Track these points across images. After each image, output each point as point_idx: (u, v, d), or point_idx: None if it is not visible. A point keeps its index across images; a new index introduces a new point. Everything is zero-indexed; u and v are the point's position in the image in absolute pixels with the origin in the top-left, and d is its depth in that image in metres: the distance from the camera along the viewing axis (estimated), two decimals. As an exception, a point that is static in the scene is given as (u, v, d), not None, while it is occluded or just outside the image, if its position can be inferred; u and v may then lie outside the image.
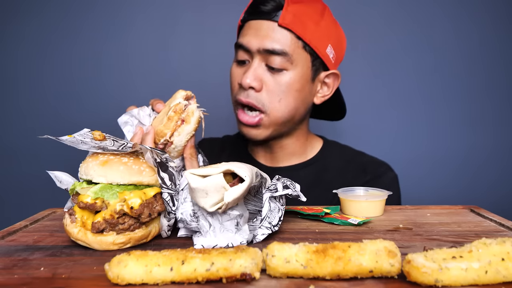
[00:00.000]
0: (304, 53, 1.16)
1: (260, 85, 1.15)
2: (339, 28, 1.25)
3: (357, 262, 0.58)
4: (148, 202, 0.74)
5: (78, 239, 0.74)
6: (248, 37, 1.17)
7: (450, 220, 0.92)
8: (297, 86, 1.17)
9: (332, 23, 1.22)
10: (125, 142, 0.81)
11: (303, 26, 1.14)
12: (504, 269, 0.56)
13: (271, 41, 1.13)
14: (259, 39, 1.14)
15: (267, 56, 1.14)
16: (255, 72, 1.15)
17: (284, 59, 1.14)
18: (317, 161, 1.31)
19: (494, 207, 1.19)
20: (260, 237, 0.77)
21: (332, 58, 1.21)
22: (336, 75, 1.24)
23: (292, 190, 0.81)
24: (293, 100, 1.17)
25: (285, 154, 1.30)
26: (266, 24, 1.15)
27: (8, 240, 0.80)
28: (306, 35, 1.14)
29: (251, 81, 1.14)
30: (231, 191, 0.70)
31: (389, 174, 1.28)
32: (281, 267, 0.59)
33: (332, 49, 1.19)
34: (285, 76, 1.15)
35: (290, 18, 1.13)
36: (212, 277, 0.58)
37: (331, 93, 1.25)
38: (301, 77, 1.17)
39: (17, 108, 1.84)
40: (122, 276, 0.57)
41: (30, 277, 0.62)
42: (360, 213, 0.95)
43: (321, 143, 1.36)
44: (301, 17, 1.14)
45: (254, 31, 1.16)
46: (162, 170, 0.77)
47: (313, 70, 1.19)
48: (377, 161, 1.33)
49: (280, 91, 1.15)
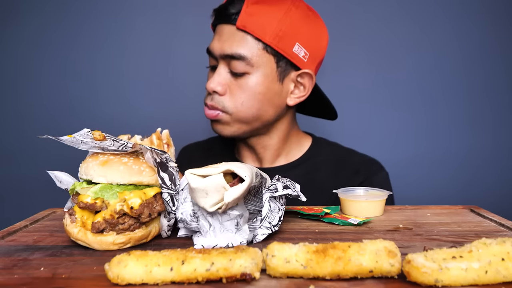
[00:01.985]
0: (265, 54, 1.14)
1: (224, 90, 1.16)
2: (315, 23, 1.20)
3: (357, 262, 0.58)
4: (148, 202, 0.75)
5: (78, 239, 0.74)
6: (213, 42, 1.18)
7: (450, 220, 0.92)
8: (261, 89, 1.15)
9: (302, 19, 1.16)
10: (125, 142, 0.81)
11: (262, 27, 1.12)
12: (504, 269, 0.56)
13: (231, 45, 1.13)
14: (220, 44, 1.15)
15: (229, 61, 1.15)
16: (219, 77, 1.16)
17: (244, 63, 1.13)
18: (306, 160, 1.29)
19: (494, 207, 1.19)
20: (260, 237, 0.77)
21: (303, 57, 1.17)
22: (309, 75, 1.20)
23: (292, 190, 0.81)
24: (257, 102, 1.16)
25: (269, 154, 1.28)
26: (226, 28, 1.15)
27: (8, 240, 0.80)
28: (266, 36, 1.12)
29: (214, 86, 1.16)
30: (231, 191, 0.70)
31: (381, 173, 1.28)
32: (281, 267, 0.59)
33: (301, 47, 1.15)
34: (247, 80, 1.15)
35: (248, 20, 1.12)
36: (212, 277, 0.58)
37: (307, 93, 1.22)
38: (264, 80, 1.15)
39: (16, 108, 1.84)
40: (122, 276, 0.57)
41: (30, 277, 0.62)
42: (360, 213, 0.95)
43: (309, 141, 1.33)
44: (259, 17, 1.12)
45: (218, 36, 1.17)
46: (162, 170, 0.77)
47: (279, 71, 1.16)
48: (368, 160, 1.31)
49: (242, 95, 1.15)
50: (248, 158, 1.32)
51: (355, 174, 1.26)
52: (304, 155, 1.30)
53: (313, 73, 1.20)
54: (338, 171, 1.27)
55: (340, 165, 1.29)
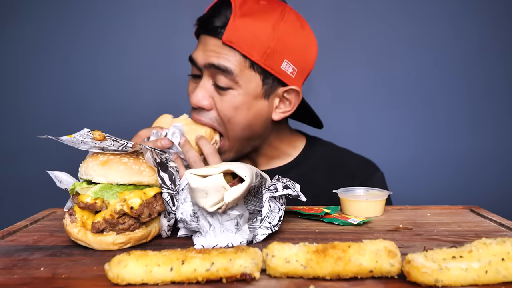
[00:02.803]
0: (251, 72, 1.09)
1: (210, 104, 1.12)
2: (304, 36, 1.15)
3: (357, 262, 0.58)
4: (148, 202, 0.74)
5: (78, 239, 0.74)
6: (197, 52, 1.13)
7: (450, 220, 0.92)
8: (245, 106, 1.11)
9: (291, 33, 1.11)
10: (125, 142, 0.81)
11: (249, 44, 1.06)
12: (504, 269, 0.56)
13: (217, 57, 1.08)
14: (205, 54, 1.10)
15: (214, 73, 1.10)
16: (203, 91, 1.12)
17: (229, 77, 1.08)
18: (301, 161, 1.27)
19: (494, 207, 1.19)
20: (260, 237, 0.77)
21: (291, 73, 1.12)
22: (296, 92, 1.16)
23: (292, 190, 0.81)
24: (242, 119, 1.12)
25: (264, 159, 1.27)
26: (212, 40, 1.10)
27: (8, 240, 0.80)
28: (254, 54, 1.07)
29: (199, 100, 1.11)
30: (231, 191, 0.70)
31: (377, 175, 1.27)
32: (281, 267, 0.59)
33: (289, 63, 1.11)
34: (231, 96, 1.10)
35: (235, 36, 1.06)
36: (212, 277, 0.58)
37: (292, 109, 1.18)
38: (248, 97, 1.11)
39: (16, 108, 1.84)
40: (122, 276, 0.57)
41: (30, 277, 0.62)
42: (360, 213, 0.95)
43: (303, 141, 1.31)
44: (247, 33, 1.06)
45: (202, 46, 1.12)
46: (162, 170, 0.77)
47: (265, 88, 1.12)
48: (363, 162, 1.30)
49: (227, 111, 1.11)
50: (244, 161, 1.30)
51: (351, 178, 1.24)
52: (298, 156, 1.28)
53: (300, 90, 1.17)
54: (333, 175, 1.25)
55: (335, 169, 1.27)
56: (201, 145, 1.08)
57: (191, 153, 1.06)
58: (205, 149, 1.08)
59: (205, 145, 1.08)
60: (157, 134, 1.09)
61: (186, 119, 1.14)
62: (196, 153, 1.06)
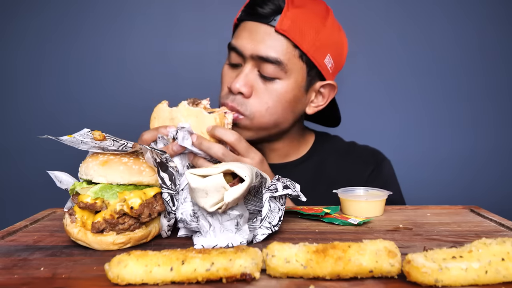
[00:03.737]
0: (299, 62, 1.11)
1: (250, 92, 1.10)
2: (342, 34, 1.19)
3: (357, 262, 0.58)
4: (148, 202, 0.74)
5: (78, 239, 0.74)
6: (242, 40, 1.11)
7: (450, 220, 0.92)
8: (289, 97, 1.12)
9: (335, 29, 1.15)
10: (125, 142, 0.81)
11: (302, 34, 1.08)
12: (504, 269, 0.56)
13: (266, 47, 1.08)
14: (253, 44, 1.09)
15: (260, 63, 1.09)
16: (246, 78, 1.10)
17: (278, 68, 1.08)
18: (313, 155, 1.30)
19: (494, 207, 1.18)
20: (260, 237, 0.77)
21: (330, 68, 1.15)
22: (332, 86, 1.19)
23: (292, 190, 0.81)
24: (282, 110, 1.13)
25: (276, 155, 1.28)
26: (262, 28, 1.09)
27: (8, 240, 0.80)
28: (304, 44, 1.08)
29: (241, 86, 1.09)
30: (231, 191, 0.70)
31: (387, 161, 1.31)
32: (281, 267, 0.59)
33: (331, 58, 1.14)
34: (277, 85, 1.10)
35: (289, 24, 1.07)
36: (212, 277, 0.58)
37: (325, 103, 1.21)
38: (293, 88, 1.12)
39: (16, 108, 1.84)
40: (122, 276, 0.57)
41: (30, 277, 0.62)
42: (360, 213, 0.95)
43: (313, 136, 1.34)
44: (300, 24, 1.08)
45: (249, 33, 1.10)
46: (162, 170, 0.77)
47: (307, 80, 1.14)
48: (372, 149, 1.34)
49: (269, 100, 1.10)
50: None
51: (363, 163, 1.27)
52: (310, 150, 1.31)
53: (336, 85, 1.20)
54: (346, 163, 1.28)
55: (347, 157, 1.29)
56: (221, 135, 0.96)
57: (215, 148, 0.94)
58: (227, 138, 0.96)
59: (225, 134, 0.96)
60: (163, 139, 0.98)
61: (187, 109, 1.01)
62: (220, 146, 0.95)
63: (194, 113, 0.99)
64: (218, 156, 0.95)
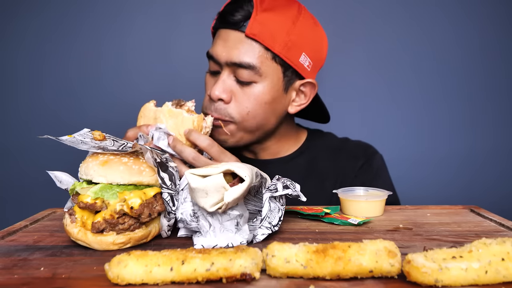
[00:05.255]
0: (273, 64, 1.12)
1: (229, 97, 1.13)
2: (317, 33, 1.20)
3: (357, 262, 0.58)
4: (148, 202, 0.75)
5: (78, 239, 0.74)
6: (217, 48, 1.14)
7: (450, 220, 0.92)
8: (267, 98, 1.14)
9: (308, 28, 1.17)
10: (125, 142, 0.81)
11: (272, 37, 1.10)
12: (504, 269, 0.56)
13: (239, 53, 1.10)
14: (226, 50, 1.12)
15: (235, 69, 1.12)
16: (224, 85, 1.13)
17: (252, 72, 1.11)
18: (304, 151, 1.31)
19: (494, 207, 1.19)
20: (260, 237, 0.77)
21: (307, 67, 1.17)
22: (312, 84, 1.20)
23: (292, 190, 0.81)
24: (262, 112, 1.15)
25: (267, 153, 1.29)
26: (233, 34, 1.12)
27: (8, 240, 0.80)
28: (276, 46, 1.10)
29: (220, 93, 1.12)
30: (231, 191, 0.70)
31: (378, 155, 1.31)
32: (281, 267, 0.59)
33: (306, 57, 1.15)
34: (254, 89, 1.13)
35: (258, 29, 1.09)
36: (212, 277, 0.58)
37: (308, 102, 1.23)
38: (271, 89, 1.14)
39: (17, 108, 1.84)
40: (122, 276, 0.57)
41: (30, 277, 0.62)
42: (360, 213, 0.95)
43: (305, 134, 1.36)
44: (270, 26, 1.10)
45: (222, 41, 1.14)
46: (162, 170, 0.77)
47: (285, 81, 1.16)
48: (363, 144, 1.35)
49: (248, 104, 1.13)
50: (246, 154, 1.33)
51: (353, 158, 1.28)
52: (302, 146, 1.32)
53: (316, 82, 1.21)
54: (336, 158, 1.30)
55: (338, 153, 1.31)
56: (194, 139, 1.00)
57: (186, 152, 0.98)
58: (200, 143, 1.00)
59: (198, 138, 1.00)
60: (144, 137, 1.01)
61: (169, 110, 1.03)
62: (191, 150, 0.98)
63: (175, 114, 1.02)
64: (189, 160, 0.98)
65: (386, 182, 1.25)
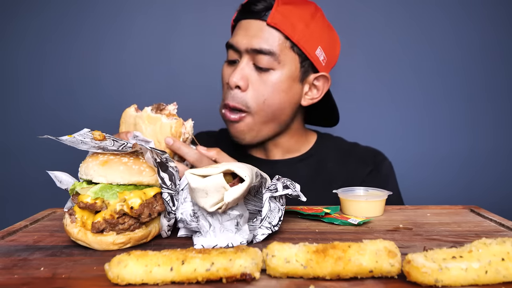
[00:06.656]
0: (292, 53, 1.17)
1: (246, 85, 1.16)
2: (333, 32, 1.26)
3: (357, 262, 0.58)
4: (148, 202, 0.75)
5: (78, 239, 0.74)
6: (237, 37, 1.18)
7: (450, 220, 0.92)
8: (284, 87, 1.17)
9: (324, 26, 1.22)
10: (125, 142, 0.81)
11: (292, 27, 1.15)
12: (504, 269, 0.56)
13: (259, 40, 1.15)
14: (247, 38, 1.16)
15: (254, 56, 1.16)
16: (242, 72, 1.16)
17: (271, 58, 1.15)
18: (314, 153, 1.33)
19: (494, 207, 1.19)
20: (260, 237, 0.77)
21: (322, 61, 1.21)
22: (325, 78, 1.24)
23: (292, 190, 0.81)
24: (278, 101, 1.18)
25: (279, 151, 1.32)
26: (255, 23, 1.17)
27: (8, 240, 0.80)
28: (295, 35, 1.15)
29: (237, 80, 1.15)
30: (231, 191, 0.70)
31: (387, 161, 1.33)
32: (281, 267, 0.59)
33: (322, 51, 1.20)
34: (271, 76, 1.16)
35: (279, 18, 1.14)
36: (212, 277, 0.58)
37: (320, 96, 1.26)
38: (288, 77, 1.17)
39: (17, 108, 1.84)
40: (122, 276, 0.57)
41: (30, 277, 0.62)
42: (360, 213, 0.95)
43: (315, 136, 1.38)
44: (290, 17, 1.15)
45: (243, 31, 1.18)
46: (162, 170, 0.77)
47: (301, 71, 1.20)
48: (372, 150, 1.37)
49: (265, 91, 1.16)
50: (256, 151, 1.34)
51: (362, 163, 1.30)
52: (311, 148, 1.34)
53: (329, 77, 1.24)
54: (345, 162, 1.31)
55: (347, 156, 1.33)
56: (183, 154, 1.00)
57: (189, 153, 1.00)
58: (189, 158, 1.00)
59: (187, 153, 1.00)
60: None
61: (148, 116, 1.00)
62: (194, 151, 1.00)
63: (154, 120, 0.99)
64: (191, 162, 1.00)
65: (393, 190, 1.25)
